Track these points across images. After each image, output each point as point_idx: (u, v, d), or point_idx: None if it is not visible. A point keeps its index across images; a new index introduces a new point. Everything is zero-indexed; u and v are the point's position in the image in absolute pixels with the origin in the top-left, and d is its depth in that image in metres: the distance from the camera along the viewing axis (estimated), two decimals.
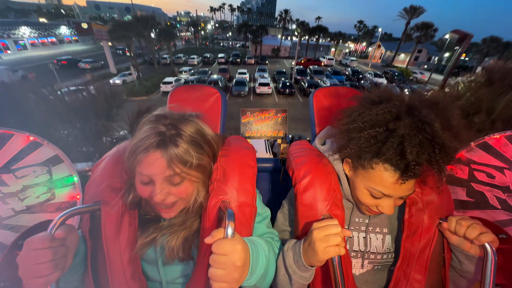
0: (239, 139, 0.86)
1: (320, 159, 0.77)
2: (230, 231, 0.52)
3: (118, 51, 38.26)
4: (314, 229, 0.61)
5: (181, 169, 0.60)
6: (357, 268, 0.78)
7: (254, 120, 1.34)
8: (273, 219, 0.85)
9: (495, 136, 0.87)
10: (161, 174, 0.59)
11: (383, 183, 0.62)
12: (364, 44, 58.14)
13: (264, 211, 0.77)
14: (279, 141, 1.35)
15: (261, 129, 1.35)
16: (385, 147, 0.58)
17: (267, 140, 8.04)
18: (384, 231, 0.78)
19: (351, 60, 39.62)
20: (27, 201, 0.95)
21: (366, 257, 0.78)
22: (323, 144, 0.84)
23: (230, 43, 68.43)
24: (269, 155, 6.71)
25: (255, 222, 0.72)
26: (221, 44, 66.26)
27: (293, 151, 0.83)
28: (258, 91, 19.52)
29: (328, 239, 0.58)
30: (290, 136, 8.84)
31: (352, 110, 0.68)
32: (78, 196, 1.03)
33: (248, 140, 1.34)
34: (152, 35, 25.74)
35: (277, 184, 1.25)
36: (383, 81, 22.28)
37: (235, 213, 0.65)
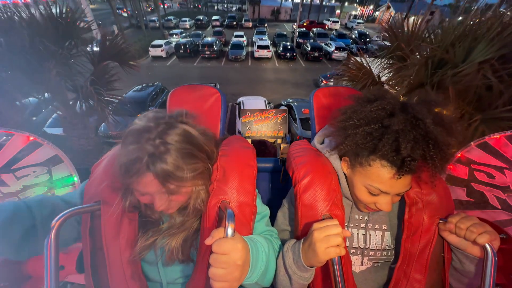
0: (239, 139, 0.86)
1: (320, 159, 0.77)
2: (230, 231, 0.52)
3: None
4: (315, 230, 0.61)
5: (176, 184, 0.59)
6: (357, 265, 0.79)
7: (254, 120, 1.34)
8: (273, 219, 0.85)
9: (495, 136, 0.87)
10: (158, 192, 0.60)
11: (380, 180, 0.63)
12: (371, 7, 50.73)
13: (263, 210, 0.77)
14: (279, 141, 1.35)
15: (261, 129, 1.35)
16: (381, 143, 0.59)
17: (269, 103, 7.89)
18: (383, 228, 0.79)
19: (357, 23, 35.55)
20: None
21: (365, 254, 0.78)
22: (322, 143, 0.84)
23: (226, 6, 61.38)
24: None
25: (255, 220, 0.72)
26: (216, 7, 59.46)
27: (293, 151, 0.83)
28: (256, 54, 17.72)
29: (328, 240, 0.58)
30: (290, 100, 8.11)
31: (348, 108, 0.70)
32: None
33: (248, 140, 1.34)
34: None
35: (277, 184, 1.25)
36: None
37: (235, 213, 0.65)
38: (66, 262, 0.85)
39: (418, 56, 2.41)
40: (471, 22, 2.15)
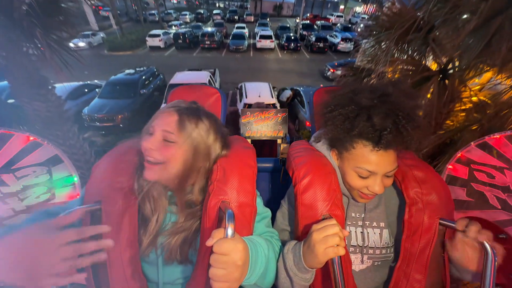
0: (239, 139, 0.86)
1: (320, 159, 0.77)
2: (230, 231, 0.52)
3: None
4: (313, 231, 0.61)
5: (181, 134, 0.66)
6: (357, 264, 0.79)
7: (254, 120, 1.34)
8: (273, 219, 0.85)
9: (495, 136, 0.87)
10: (163, 125, 0.66)
11: (365, 160, 0.67)
12: (374, 6, 52.37)
13: (264, 211, 0.77)
14: (279, 141, 1.35)
15: (261, 129, 1.35)
16: (356, 121, 0.65)
17: (274, 88, 7.62)
18: (381, 225, 0.79)
19: (361, 17, 33.40)
20: (27, 201, 0.95)
21: (364, 252, 0.78)
22: (318, 142, 0.85)
23: (227, 3, 58.18)
24: (274, 101, 6.47)
25: (255, 221, 0.72)
26: (217, 5, 56.97)
27: (293, 151, 0.83)
28: (259, 45, 17.18)
29: (327, 240, 0.58)
30: (295, 87, 7.69)
31: (326, 100, 0.77)
32: (78, 196, 1.03)
33: (248, 140, 1.34)
34: None
35: (277, 184, 1.25)
36: None
37: (235, 213, 0.65)
38: None
39: None
40: None
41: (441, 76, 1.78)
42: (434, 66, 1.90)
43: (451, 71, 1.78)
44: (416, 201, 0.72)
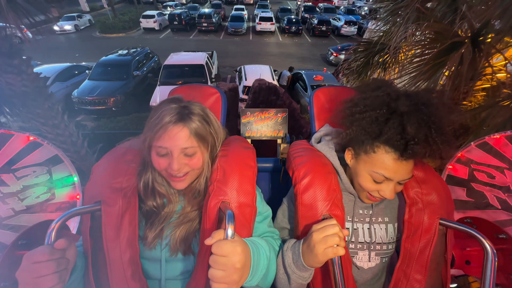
0: (239, 139, 0.86)
1: (320, 159, 0.77)
2: (230, 232, 0.52)
3: None
4: (314, 231, 0.61)
5: (197, 142, 0.67)
6: (365, 261, 0.79)
7: (254, 120, 1.33)
8: (273, 219, 0.85)
9: (495, 136, 0.87)
10: (180, 145, 0.65)
11: (385, 166, 0.65)
12: None
13: (265, 210, 0.77)
14: (279, 141, 1.34)
15: (261, 129, 1.35)
16: (387, 127, 0.62)
17: (275, 71, 7.18)
18: (386, 220, 0.79)
19: (366, 1, 31.94)
20: (27, 201, 0.95)
21: (372, 248, 0.78)
22: (319, 142, 0.85)
23: None
24: (275, 83, 6.28)
25: (256, 221, 0.72)
26: None
27: (293, 151, 0.83)
28: (258, 28, 16.46)
29: (326, 240, 0.58)
30: (297, 71, 7.48)
31: (353, 97, 0.73)
32: (78, 196, 1.03)
33: (248, 140, 1.34)
34: None
35: (277, 184, 1.25)
36: None
37: (235, 214, 0.65)
38: None
39: None
40: None
41: (471, 43, 1.53)
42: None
43: (482, 37, 1.53)
44: (416, 201, 0.72)
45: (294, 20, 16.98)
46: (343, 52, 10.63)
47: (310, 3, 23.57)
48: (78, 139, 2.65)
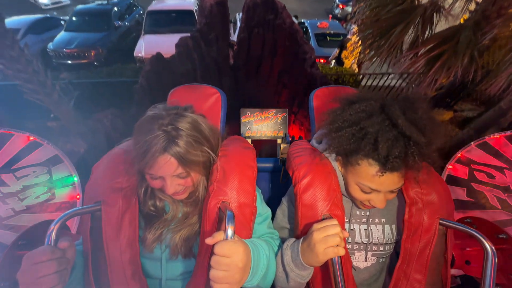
0: (239, 139, 0.86)
1: (320, 159, 0.77)
2: (230, 232, 0.52)
3: None
4: (314, 230, 0.61)
5: (188, 167, 0.64)
6: (361, 261, 0.79)
7: (254, 120, 1.34)
8: (273, 219, 0.85)
9: (495, 136, 0.87)
10: (171, 173, 0.63)
11: (369, 178, 0.65)
12: None
13: (264, 211, 0.77)
14: (279, 141, 1.35)
15: (261, 129, 1.35)
16: (363, 143, 0.62)
17: None
18: (383, 221, 0.80)
19: None
20: (27, 201, 0.95)
21: (369, 249, 0.78)
22: (320, 143, 0.85)
23: None
24: None
25: (256, 223, 0.72)
26: None
27: (293, 151, 0.83)
28: None
29: (327, 240, 0.58)
30: (300, 20, 6.65)
31: (332, 111, 0.73)
32: (78, 196, 1.03)
33: (248, 140, 1.34)
34: None
35: (277, 184, 1.25)
36: None
37: (235, 214, 0.65)
38: None
39: None
40: None
41: None
42: None
43: None
44: (416, 201, 0.72)
45: None
46: (350, 4, 9.69)
47: None
48: (46, 78, 2.27)
